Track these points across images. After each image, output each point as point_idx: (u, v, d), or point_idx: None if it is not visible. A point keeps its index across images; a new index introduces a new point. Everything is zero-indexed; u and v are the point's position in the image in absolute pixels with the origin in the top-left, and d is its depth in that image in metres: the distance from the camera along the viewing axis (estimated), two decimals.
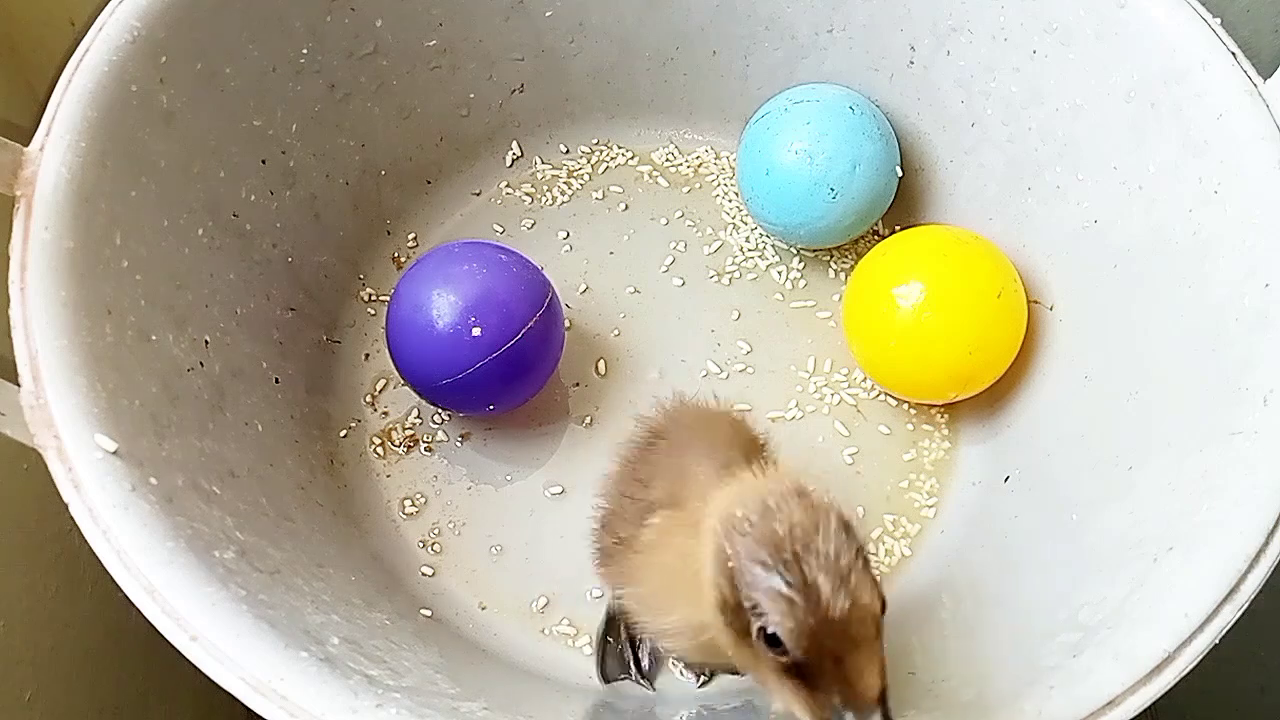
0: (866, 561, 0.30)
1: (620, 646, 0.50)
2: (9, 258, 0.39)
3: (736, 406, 0.57)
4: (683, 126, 0.67)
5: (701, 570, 0.33)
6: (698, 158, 0.66)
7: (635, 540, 0.39)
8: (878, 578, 0.30)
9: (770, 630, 0.29)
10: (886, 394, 0.58)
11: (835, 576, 0.29)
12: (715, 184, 0.65)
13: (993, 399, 0.56)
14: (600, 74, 0.64)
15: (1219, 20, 0.46)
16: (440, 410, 0.57)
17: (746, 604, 0.29)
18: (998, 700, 0.36)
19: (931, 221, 0.61)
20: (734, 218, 0.64)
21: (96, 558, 0.35)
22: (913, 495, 0.56)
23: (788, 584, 0.28)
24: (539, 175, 0.65)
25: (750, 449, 0.42)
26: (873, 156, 0.57)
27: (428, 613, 0.51)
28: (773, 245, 0.63)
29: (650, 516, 0.39)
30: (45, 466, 0.36)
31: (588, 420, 0.57)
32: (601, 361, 0.59)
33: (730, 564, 0.30)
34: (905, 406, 0.58)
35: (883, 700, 0.29)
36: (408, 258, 0.62)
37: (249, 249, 0.52)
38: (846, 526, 0.30)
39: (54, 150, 0.41)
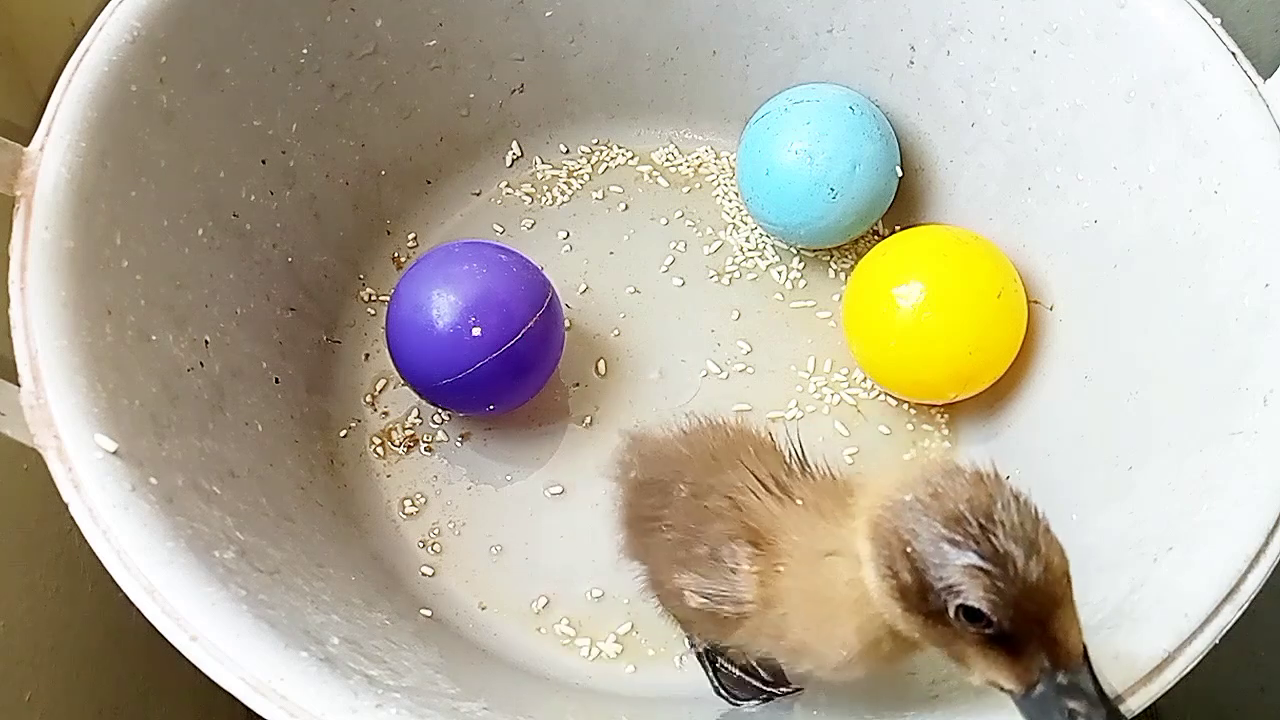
0: (1045, 522, 0.30)
1: (733, 671, 0.47)
2: (9, 258, 0.39)
3: (736, 407, 0.57)
4: (683, 126, 0.67)
5: (854, 585, 0.33)
6: (698, 158, 0.66)
7: (742, 594, 0.37)
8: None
9: (970, 605, 0.29)
10: (886, 394, 0.58)
11: (1024, 542, 0.29)
12: (715, 184, 0.65)
13: (993, 399, 0.56)
14: (600, 74, 0.64)
15: (1219, 20, 0.46)
16: (440, 410, 0.57)
17: (938, 584, 0.29)
18: (998, 700, 0.36)
19: (931, 221, 0.61)
20: (734, 218, 0.64)
21: (96, 558, 0.35)
22: None
23: (981, 557, 0.28)
24: (539, 175, 0.65)
25: (769, 452, 0.42)
26: (873, 156, 0.57)
27: (428, 613, 0.51)
28: (773, 245, 0.63)
29: (733, 557, 0.38)
30: (45, 466, 0.36)
31: (588, 420, 0.57)
32: (601, 361, 0.59)
33: (910, 548, 0.30)
34: (905, 406, 0.58)
35: (1085, 655, 0.29)
36: (408, 258, 0.62)
37: (249, 249, 0.52)
38: (1016, 492, 0.30)
39: (54, 150, 0.41)
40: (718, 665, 0.48)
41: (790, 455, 0.41)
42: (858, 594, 0.33)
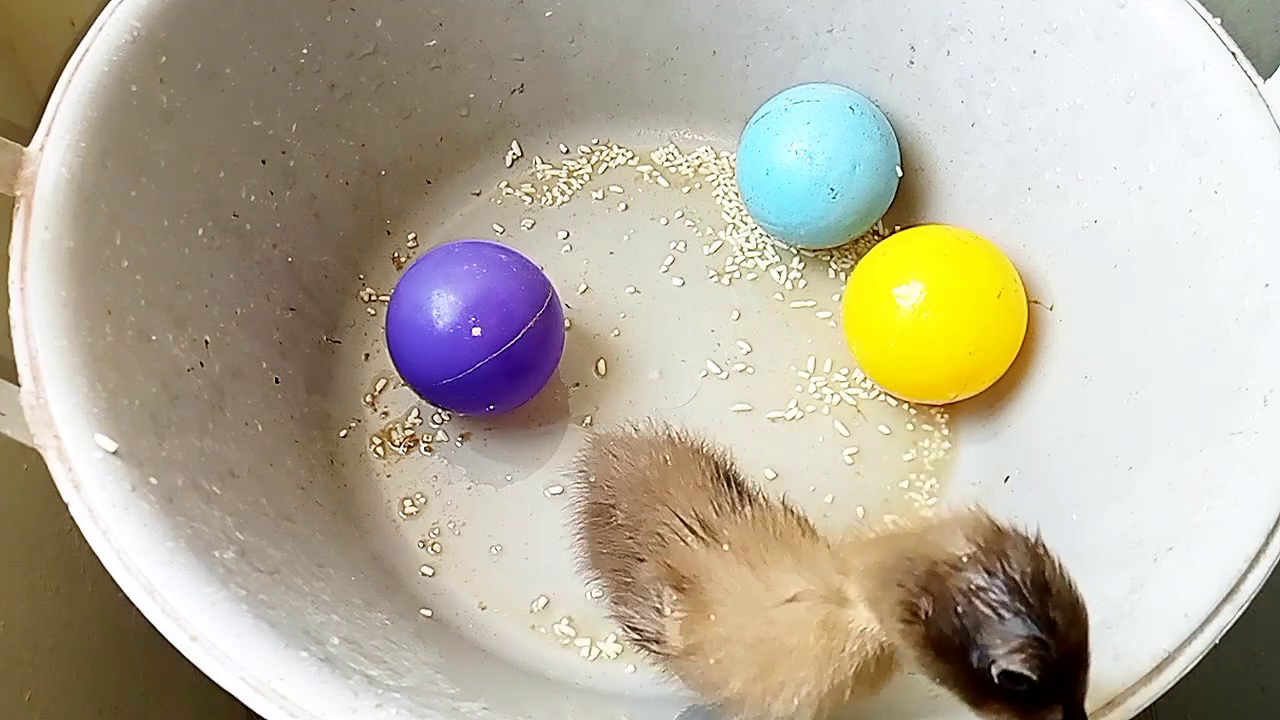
0: (1075, 583, 0.31)
1: None
2: (9, 258, 0.39)
3: (736, 407, 0.57)
4: (683, 126, 0.67)
5: (834, 633, 0.33)
6: (698, 158, 0.66)
7: (667, 637, 0.37)
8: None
9: (1014, 670, 0.29)
10: (886, 394, 0.58)
11: (1067, 608, 0.30)
12: (715, 184, 0.65)
13: (993, 399, 0.56)
14: (600, 74, 0.64)
15: (1219, 20, 0.46)
16: (440, 410, 0.57)
17: (987, 648, 0.30)
18: None
19: (931, 221, 0.61)
20: (734, 218, 0.64)
21: (96, 558, 0.35)
22: (913, 495, 0.56)
23: (1036, 627, 0.29)
24: (539, 175, 0.65)
25: (700, 488, 0.40)
26: (873, 156, 0.57)
27: (428, 613, 0.51)
28: (773, 245, 0.63)
29: (661, 600, 0.37)
30: (45, 466, 0.36)
31: (588, 420, 0.57)
32: (601, 361, 0.59)
33: (962, 607, 0.30)
34: (905, 406, 0.58)
35: None
36: (408, 258, 0.62)
37: (249, 249, 0.52)
38: (1048, 548, 0.31)
39: (54, 150, 0.41)
40: None
41: (725, 490, 0.40)
42: (831, 638, 0.33)
